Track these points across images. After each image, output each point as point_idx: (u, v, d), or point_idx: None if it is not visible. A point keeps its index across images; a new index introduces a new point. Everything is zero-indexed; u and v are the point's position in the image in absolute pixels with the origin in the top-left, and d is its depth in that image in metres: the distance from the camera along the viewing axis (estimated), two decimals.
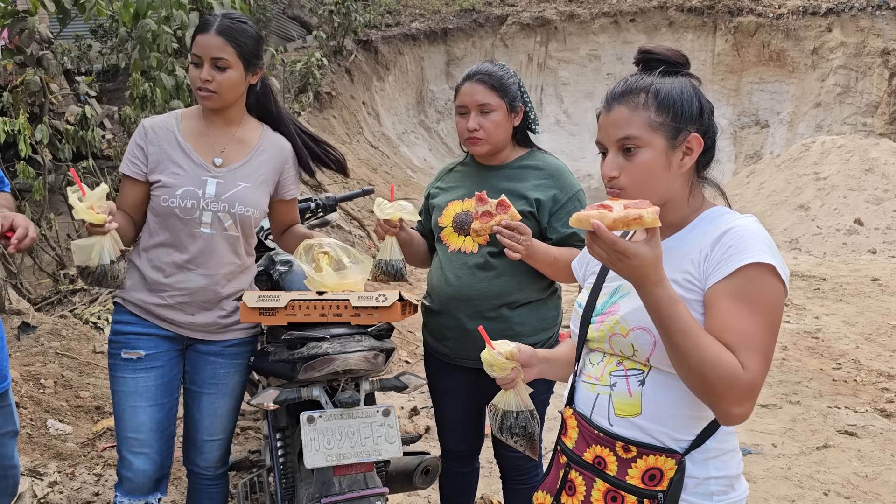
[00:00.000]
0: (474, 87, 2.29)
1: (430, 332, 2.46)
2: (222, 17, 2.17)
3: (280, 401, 2.02)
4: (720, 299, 1.31)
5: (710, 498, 1.38)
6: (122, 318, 2.22)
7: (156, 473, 2.21)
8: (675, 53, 1.46)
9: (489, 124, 2.28)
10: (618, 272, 1.25)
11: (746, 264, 1.29)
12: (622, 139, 1.40)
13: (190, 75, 2.16)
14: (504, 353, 1.56)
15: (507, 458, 2.47)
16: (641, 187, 1.40)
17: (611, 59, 18.23)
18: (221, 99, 2.17)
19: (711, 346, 1.25)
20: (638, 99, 1.40)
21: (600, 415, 1.45)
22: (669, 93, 1.40)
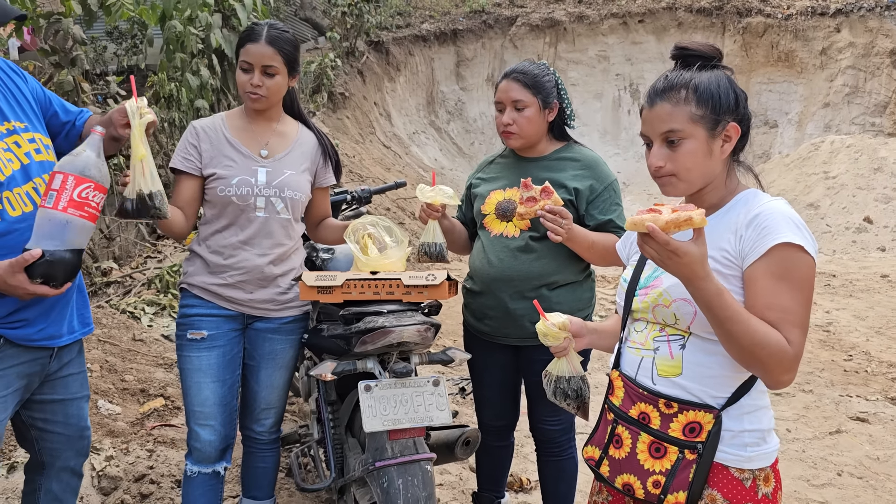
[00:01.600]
0: (510, 85, 2.46)
1: (472, 312, 2.62)
2: (269, 26, 2.37)
3: (338, 372, 2.19)
4: (759, 278, 1.46)
5: (745, 449, 1.53)
6: (188, 301, 2.40)
7: (221, 444, 2.38)
8: (709, 48, 1.61)
9: (522, 119, 2.45)
10: (668, 270, 1.40)
11: (778, 244, 1.44)
12: (666, 132, 1.54)
13: (239, 79, 2.36)
14: (557, 324, 1.72)
15: (543, 430, 2.61)
16: (687, 174, 1.55)
17: (620, 60, 18.37)
18: (269, 101, 2.40)
19: (759, 328, 1.40)
20: (679, 94, 1.54)
21: (644, 375, 1.61)
22: (707, 87, 1.55)
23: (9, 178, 1.91)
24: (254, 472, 2.57)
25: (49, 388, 2.12)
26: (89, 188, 1.85)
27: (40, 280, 1.82)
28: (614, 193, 2.46)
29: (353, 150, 11.33)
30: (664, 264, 1.39)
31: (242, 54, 2.34)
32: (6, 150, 1.93)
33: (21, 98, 2.04)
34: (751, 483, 1.52)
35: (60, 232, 1.83)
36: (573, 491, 2.68)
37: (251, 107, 2.42)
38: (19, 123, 1.99)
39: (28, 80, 2.10)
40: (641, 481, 1.56)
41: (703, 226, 1.35)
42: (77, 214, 1.84)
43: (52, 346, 2.05)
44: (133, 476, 2.95)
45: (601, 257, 2.38)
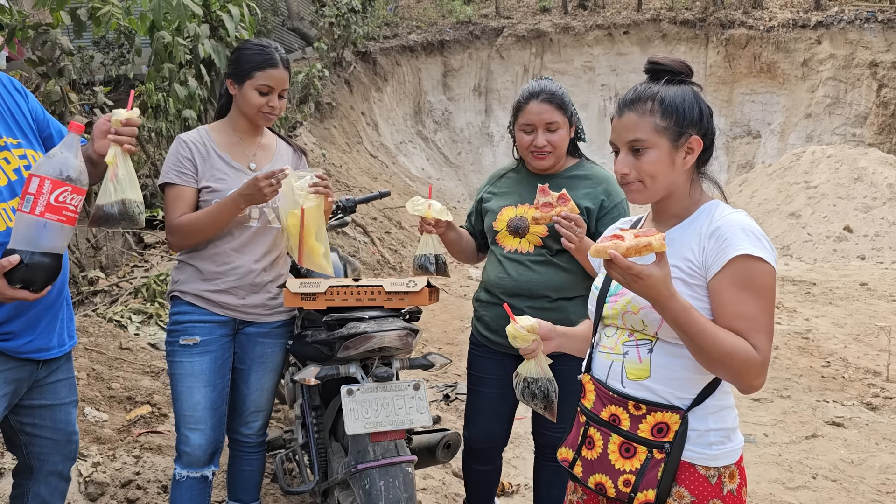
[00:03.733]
0: (542, 107, 2.44)
1: (486, 324, 2.61)
2: (278, 50, 2.48)
3: (321, 376, 2.25)
4: (723, 290, 1.53)
5: (710, 447, 1.60)
6: (180, 308, 2.45)
7: (210, 448, 2.43)
8: (678, 64, 1.69)
9: (556, 139, 2.46)
10: (634, 292, 1.49)
11: (738, 255, 1.52)
12: (631, 141, 1.63)
13: (254, 100, 2.43)
14: (526, 327, 1.79)
15: (545, 435, 2.60)
16: (651, 182, 1.63)
17: (605, 71, 18.58)
18: (276, 119, 2.52)
19: (727, 339, 1.48)
20: (645, 106, 1.63)
21: (614, 379, 1.68)
22: (673, 100, 1.63)
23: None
24: (240, 475, 2.61)
25: (38, 393, 2.15)
26: (67, 191, 1.81)
27: (19, 285, 1.81)
28: (623, 211, 2.48)
29: (341, 159, 11.40)
30: (630, 287, 1.48)
31: (263, 78, 2.41)
32: None
33: (18, 115, 2.05)
34: (716, 480, 1.59)
35: (38, 236, 1.80)
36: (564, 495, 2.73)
37: (262, 125, 2.52)
38: (12, 140, 1.99)
39: (29, 98, 2.10)
40: (613, 480, 1.62)
41: (663, 250, 1.44)
42: (55, 218, 1.80)
43: (39, 359, 2.06)
44: (120, 482, 2.99)
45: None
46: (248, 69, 2.42)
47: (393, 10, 18.72)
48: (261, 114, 2.45)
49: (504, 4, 19.49)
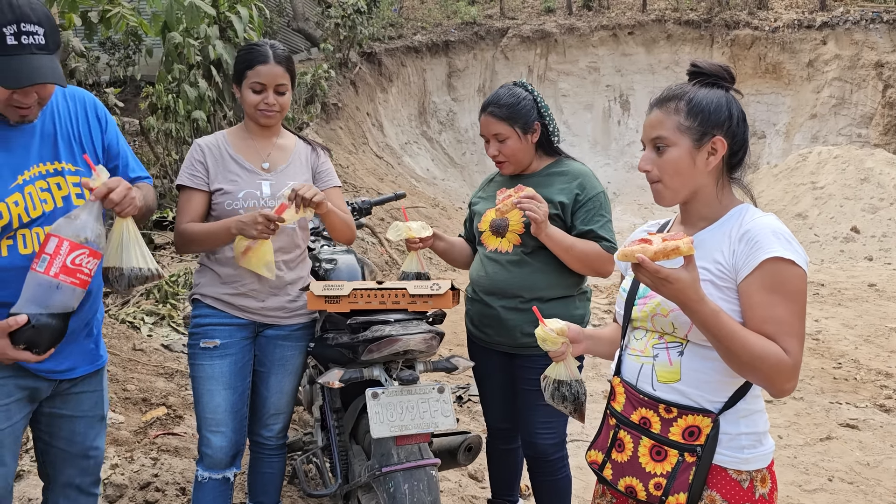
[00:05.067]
0: (487, 119, 2.59)
1: (471, 319, 2.72)
2: (272, 46, 2.47)
3: (345, 379, 2.25)
4: (753, 293, 1.54)
5: (742, 451, 1.60)
6: (200, 311, 2.46)
7: (232, 450, 2.44)
8: (717, 68, 1.70)
9: (506, 149, 2.58)
10: (663, 295, 1.50)
11: (768, 258, 1.52)
12: (654, 138, 1.66)
13: (250, 99, 2.44)
14: (555, 330, 1.80)
15: (535, 445, 2.61)
16: (670, 180, 1.65)
17: (610, 72, 18.55)
18: (280, 117, 2.50)
19: (757, 342, 1.48)
20: (671, 105, 1.66)
21: (645, 382, 1.68)
22: (700, 101, 1.64)
23: (35, 218, 1.90)
24: (261, 477, 2.62)
25: (60, 401, 2.09)
26: (84, 254, 1.79)
27: (23, 346, 1.79)
28: (599, 205, 2.53)
29: (347, 160, 11.40)
30: (658, 290, 1.49)
31: (252, 76, 2.41)
32: (44, 190, 1.92)
33: (87, 142, 2.03)
34: (748, 484, 1.59)
35: (48, 297, 1.78)
36: (569, 501, 2.73)
37: (263, 123, 2.50)
38: (69, 166, 1.97)
39: (108, 127, 2.08)
40: (643, 483, 1.62)
41: (691, 254, 1.44)
42: (68, 281, 1.78)
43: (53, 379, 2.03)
44: (138, 484, 2.99)
45: (579, 261, 2.48)
46: (241, 70, 2.45)
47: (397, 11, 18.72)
48: (259, 111, 2.44)
49: (509, 5, 19.48)
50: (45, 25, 1.73)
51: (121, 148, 2.12)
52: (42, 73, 1.74)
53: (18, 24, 1.68)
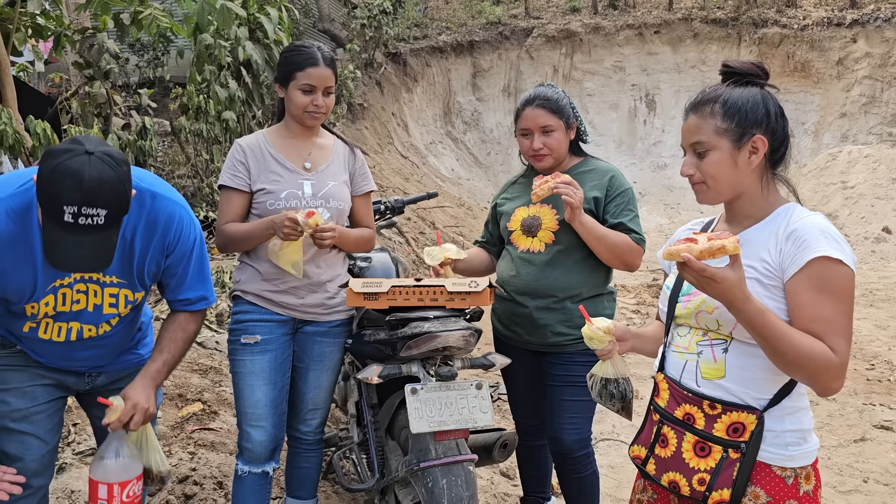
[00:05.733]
0: (536, 112, 2.60)
1: (499, 317, 2.73)
2: (320, 49, 2.51)
3: (384, 375, 2.27)
4: (801, 291, 1.53)
5: (786, 448, 1.59)
6: (241, 308, 2.50)
7: (271, 444, 2.47)
8: (748, 66, 1.69)
9: (552, 142, 2.60)
10: (709, 294, 1.51)
11: (816, 257, 1.52)
12: (694, 143, 1.66)
13: (299, 100, 2.47)
14: (602, 328, 1.81)
15: (561, 442, 2.60)
16: (714, 183, 1.65)
17: (635, 71, 18.45)
18: (325, 118, 2.55)
19: (804, 342, 1.48)
20: (706, 108, 1.65)
21: (689, 378, 1.68)
22: (735, 102, 1.64)
23: (62, 313, 1.97)
24: (298, 472, 2.65)
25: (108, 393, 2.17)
26: (133, 484, 1.94)
27: None
28: (628, 200, 2.58)
29: (372, 160, 11.46)
30: (703, 289, 1.50)
31: (303, 77, 2.44)
32: (80, 292, 1.97)
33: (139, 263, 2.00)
34: (793, 481, 1.59)
35: None
36: (597, 500, 2.73)
37: (310, 125, 2.54)
38: (113, 278, 1.99)
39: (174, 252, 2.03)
40: (687, 479, 1.63)
41: (737, 253, 1.45)
42: None
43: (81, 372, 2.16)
44: (177, 477, 3.04)
45: (610, 250, 2.50)
46: (290, 71, 2.47)
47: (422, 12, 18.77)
48: (307, 113, 2.48)
49: (533, 5, 19.45)
50: (109, 207, 1.67)
51: (182, 269, 2.07)
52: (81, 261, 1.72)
53: (80, 206, 1.63)
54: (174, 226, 2.00)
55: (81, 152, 1.65)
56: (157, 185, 2.02)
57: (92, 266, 1.76)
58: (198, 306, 2.15)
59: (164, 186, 2.05)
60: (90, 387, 2.23)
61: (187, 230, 2.03)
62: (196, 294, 2.14)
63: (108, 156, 1.68)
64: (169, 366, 2.11)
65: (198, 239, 2.08)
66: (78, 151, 1.65)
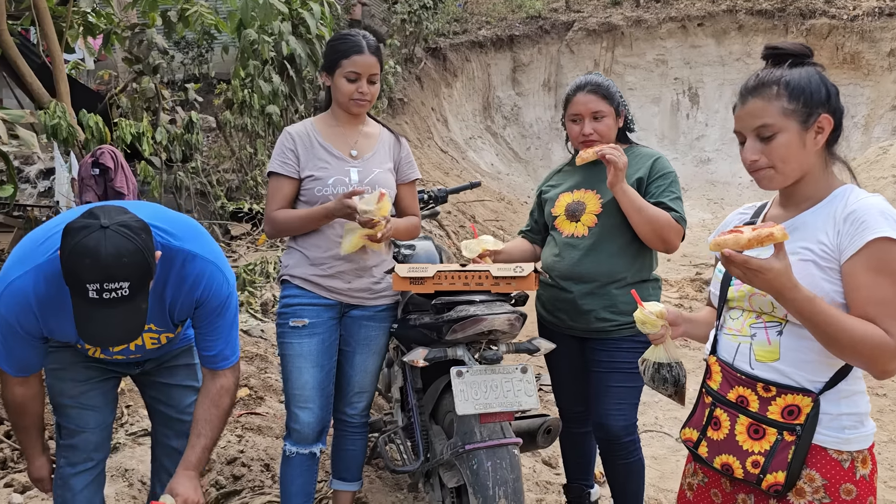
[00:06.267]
0: (587, 97, 2.60)
1: (543, 303, 2.74)
2: (365, 37, 2.53)
3: (429, 358, 2.29)
4: (858, 273, 1.50)
5: (843, 431, 1.57)
6: (290, 291, 2.55)
7: (318, 426, 2.51)
8: (798, 46, 1.66)
9: (602, 127, 2.60)
10: (756, 286, 1.49)
11: (875, 238, 1.49)
12: (759, 127, 1.61)
13: (344, 88, 2.50)
14: (654, 312, 1.79)
15: (606, 428, 2.59)
16: (782, 166, 1.61)
17: (678, 64, 18.14)
18: (370, 105, 2.57)
19: (857, 326, 1.46)
20: (771, 90, 1.61)
21: (742, 360, 1.66)
22: (799, 82, 1.60)
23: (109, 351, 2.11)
24: (344, 454, 2.69)
25: (160, 372, 2.33)
26: None
27: None
28: (671, 182, 2.58)
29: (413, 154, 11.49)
30: (750, 281, 1.48)
31: (348, 65, 2.47)
32: None
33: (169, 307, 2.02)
34: (849, 464, 1.56)
35: None
36: (642, 487, 2.72)
37: (355, 112, 2.56)
38: (153, 326, 2.06)
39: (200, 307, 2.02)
40: (740, 461, 1.61)
41: (785, 240, 1.43)
42: None
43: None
44: (225, 459, 3.11)
45: (649, 223, 2.47)
46: (336, 59, 2.50)
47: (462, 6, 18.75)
48: (352, 101, 2.51)
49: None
50: (131, 278, 1.66)
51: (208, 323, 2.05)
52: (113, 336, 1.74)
53: (102, 283, 1.63)
54: (203, 284, 1.98)
55: (97, 228, 1.64)
56: (194, 242, 2.00)
57: (123, 339, 1.77)
58: (220, 365, 2.10)
59: (201, 244, 2.02)
60: (140, 370, 2.31)
61: (217, 289, 2.00)
62: (217, 350, 2.09)
63: (125, 226, 1.67)
64: (208, 450, 2.09)
65: (228, 299, 2.04)
66: (93, 227, 1.64)
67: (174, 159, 6.23)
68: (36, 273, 1.84)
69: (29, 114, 3.20)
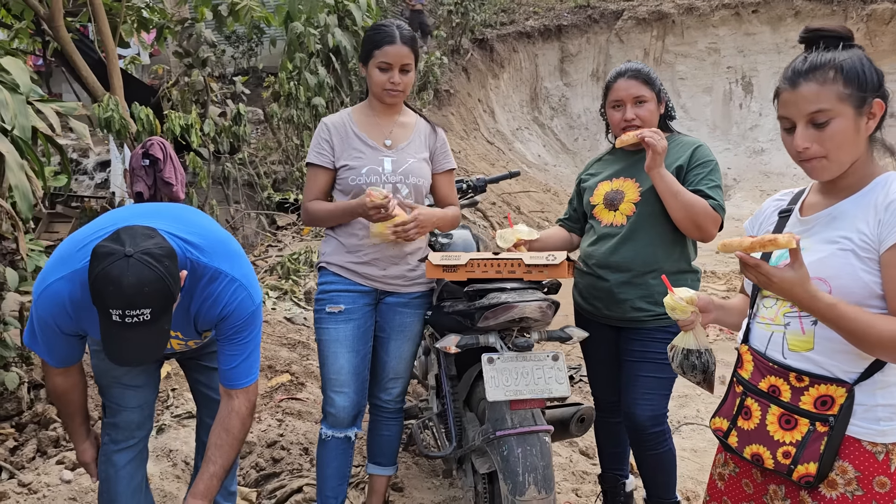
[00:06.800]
0: (629, 83, 2.58)
1: (580, 291, 2.72)
2: (399, 27, 2.54)
3: (461, 345, 2.30)
4: (893, 265, 1.46)
5: (878, 423, 1.52)
6: (327, 278, 2.59)
7: (353, 410, 2.56)
8: (843, 29, 1.60)
9: (644, 113, 2.57)
10: (772, 291, 1.50)
11: None
12: (813, 113, 1.53)
13: (377, 78, 2.53)
14: (685, 298, 1.77)
15: (635, 417, 2.55)
16: (837, 153, 1.54)
17: (731, 52, 17.72)
18: (404, 96, 2.59)
19: (883, 324, 1.43)
20: (826, 74, 1.53)
21: (774, 350, 1.62)
22: (853, 65, 1.53)
23: None
24: (379, 439, 2.72)
25: (204, 356, 2.43)
26: None
27: None
28: (710, 170, 2.53)
29: (459, 145, 11.51)
30: (766, 286, 1.49)
31: (380, 55, 2.49)
32: None
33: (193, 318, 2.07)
34: (884, 456, 1.52)
35: None
36: (674, 478, 2.68)
37: (388, 102, 2.58)
38: (179, 334, 2.14)
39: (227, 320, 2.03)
40: (771, 452, 1.58)
41: (790, 247, 1.42)
42: None
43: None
44: (266, 442, 3.18)
45: (685, 209, 2.43)
46: (370, 49, 2.53)
47: None
48: (385, 91, 2.53)
49: None
50: (153, 305, 1.71)
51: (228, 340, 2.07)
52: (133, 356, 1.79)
53: (124, 309, 1.69)
54: (226, 301, 2.01)
55: (121, 255, 1.69)
56: (221, 257, 2.02)
57: (144, 359, 1.84)
58: (235, 383, 2.11)
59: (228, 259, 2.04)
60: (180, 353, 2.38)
61: (241, 308, 2.03)
62: (234, 364, 2.09)
63: (148, 254, 1.71)
64: (218, 477, 2.08)
65: (252, 316, 2.06)
66: (118, 255, 1.69)
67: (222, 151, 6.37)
68: (72, 278, 1.90)
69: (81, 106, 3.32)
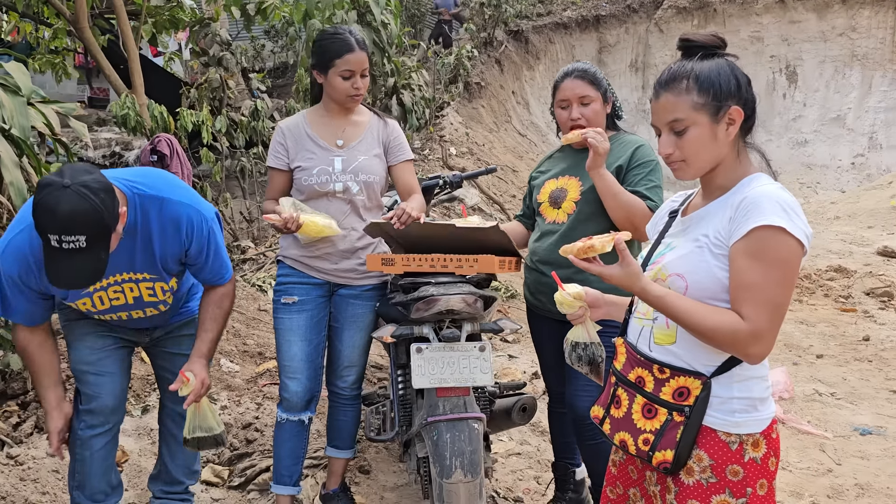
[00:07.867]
0: (574, 83, 2.65)
1: (528, 287, 2.82)
2: (353, 34, 2.68)
3: (396, 335, 2.44)
4: (736, 258, 1.56)
5: (733, 414, 1.61)
6: (283, 271, 2.77)
7: (306, 395, 2.73)
8: (710, 38, 1.69)
9: (589, 112, 2.63)
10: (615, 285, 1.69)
11: (759, 226, 1.52)
12: (671, 122, 1.65)
13: (340, 86, 2.65)
14: (572, 294, 1.88)
15: (576, 408, 2.60)
16: (695, 159, 1.65)
17: (775, 41, 17.29)
18: (363, 97, 2.72)
19: (710, 316, 1.55)
20: (680, 85, 1.64)
21: (643, 343, 1.73)
22: (708, 75, 1.63)
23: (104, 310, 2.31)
24: (337, 424, 2.88)
25: (168, 342, 2.59)
26: None
27: None
28: (650, 170, 2.57)
29: (485, 138, 11.58)
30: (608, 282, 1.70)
31: (342, 64, 2.62)
32: (117, 292, 2.27)
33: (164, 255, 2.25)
34: (737, 446, 1.60)
35: None
36: None
37: (351, 106, 2.73)
38: (145, 275, 2.27)
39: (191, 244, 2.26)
40: (634, 438, 1.68)
41: (605, 250, 1.65)
42: None
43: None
44: (241, 423, 3.38)
45: (623, 209, 2.50)
46: (328, 58, 2.63)
47: None
48: (349, 97, 2.66)
49: None
50: (87, 232, 1.87)
51: (203, 259, 2.33)
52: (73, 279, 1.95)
53: (60, 234, 1.84)
54: (184, 226, 2.22)
55: (59, 186, 1.85)
56: (166, 189, 2.23)
57: (82, 283, 1.99)
58: (219, 282, 2.43)
59: (173, 190, 2.25)
60: (149, 339, 2.57)
61: (198, 227, 2.25)
62: (213, 273, 2.40)
63: (85, 186, 1.87)
64: (214, 342, 2.44)
65: (211, 231, 2.30)
66: (56, 185, 1.85)
67: (237, 146, 6.61)
68: (30, 230, 2.04)
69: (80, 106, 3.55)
